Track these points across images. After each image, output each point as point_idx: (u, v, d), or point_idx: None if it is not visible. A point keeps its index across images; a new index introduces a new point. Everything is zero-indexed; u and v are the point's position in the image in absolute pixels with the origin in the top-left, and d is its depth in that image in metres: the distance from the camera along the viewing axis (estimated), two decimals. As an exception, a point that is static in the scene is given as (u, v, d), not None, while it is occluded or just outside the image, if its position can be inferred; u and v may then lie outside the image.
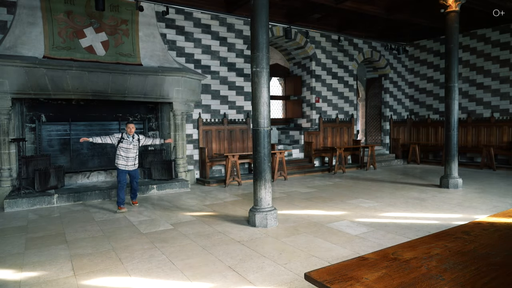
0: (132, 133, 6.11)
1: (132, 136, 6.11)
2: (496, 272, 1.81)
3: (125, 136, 6.06)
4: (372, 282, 1.68)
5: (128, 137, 6.07)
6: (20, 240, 4.57)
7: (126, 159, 6.08)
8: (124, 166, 6.09)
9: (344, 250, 4.06)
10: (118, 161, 6.09)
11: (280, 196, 7.24)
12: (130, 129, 6.06)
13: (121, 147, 6.03)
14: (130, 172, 6.22)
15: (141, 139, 6.25)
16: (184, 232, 4.86)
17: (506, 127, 10.76)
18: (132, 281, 3.34)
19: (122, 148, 6.04)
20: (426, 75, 12.93)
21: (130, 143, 6.07)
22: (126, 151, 6.06)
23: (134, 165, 6.22)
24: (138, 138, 6.21)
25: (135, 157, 6.20)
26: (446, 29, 7.70)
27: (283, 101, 12.36)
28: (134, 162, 6.20)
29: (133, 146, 6.11)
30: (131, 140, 6.08)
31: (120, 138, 6.03)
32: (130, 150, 6.09)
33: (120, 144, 6.03)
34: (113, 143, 6.07)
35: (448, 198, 6.81)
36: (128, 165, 6.12)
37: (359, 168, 11.13)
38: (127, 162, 6.09)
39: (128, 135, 6.08)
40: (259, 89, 5.02)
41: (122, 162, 6.07)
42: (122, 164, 6.08)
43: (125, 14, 7.75)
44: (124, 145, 6.04)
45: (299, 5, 9.75)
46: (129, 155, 6.08)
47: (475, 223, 2.65)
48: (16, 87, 6.50)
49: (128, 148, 6.06)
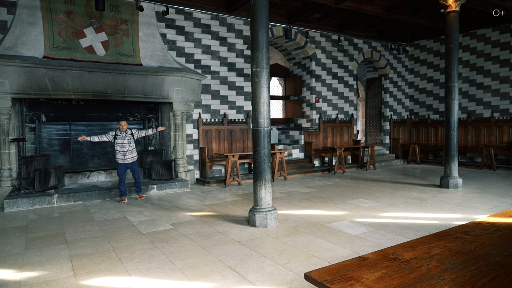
0: (124, 130, 6.68)
1: (125, 132, 6.69)
2: (496, 272, 1.81)
3: (118, 133, 6.66)
4: (372, 282, 1.68)
5: (121, 133, 6.67)
6: (20, 240, 4.57)
7: (123, 153, 6.68)
8: (122, 160, 6.70)
9: (344, 250, 4.06)
10: (117, 156, 6.75)
11: (280, 196, 7.24)
12: (122, 126, 6.66)
13: (117, 143, 6.66)
14: (129, 165, 6.78)
15: (134, 133, 6.81)
16: (184, 232, 4.86)
17: (506, 127, 10.76)
18: (132, 281, 3.34)
19: (118, 144, 6.66)
20: (426, 75, 12.93)
21: (124, 138, 6.66)
22: (121, 145, 6.66)
23: (132, 158, 6.78)
24: (131, 132, 6.78)
25: (131, 151, 6.76)
26: (446, 29, 7.70)
27: (283, 101, 12.36)
28: (132, 155, 6.77)
29: (127, 141, 6.68)
30: (124, 135, 6.67)
31: (115, 134, 6.65)
32: (125, 145, 6.67)
33: (116, 140, 6.66)
34: (109, 140, 6.67)
35: (448, 198, 6.81)
36: (126, 159, 6.71)
37: (359, 168, 11.13)
38: (124, 156, 6.69)
39: (121, 131, 6.66)
40: (259, 89, 5.02)
41: (120, 156, 6.70)
42: (120, 158, 6.71)
43: (125, 14, 7.75)
44: (119, 140, 6.65)
45: (299, 5, 9.76)
46: (124, 149, 6.67)
47: (475, 223, 2.65)
48: (16, 87, 6.50)
49: (123, 143, 6.65)
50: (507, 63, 10.69)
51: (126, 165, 6.73)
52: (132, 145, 6.74)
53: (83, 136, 6.41)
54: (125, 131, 6.67)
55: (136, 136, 6.82)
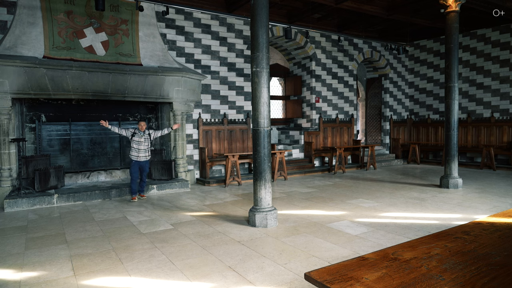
0: (143, 130, 6.92)
1: (143, 132, 6.92)
2: (496, 272, 1.81)
3: (137, 131, 6.90)
4: (372, 282, 1.68)
5: (139, 132, 6.90)
6: (20, 240, 4.57)
7: (138, 150, 6.87)
8: (135, 157, 6.88)
9: (344, 250, 4.06)
10: (131, 153, 6.93)
11: (280, 196, 7.24)
12: (142, 126, 6.91)
13: (134, 140, 6.87)
14: (142, 164, 6.95)
15: (151, 133, 7.05)
16: (184, 232, 4.86)
17: (506, 127, 10.76)
18: (132, 281, 3.34)
19: (134, 141, 6.87)
20: (426, 75, 12.93)
21: (141, 136, 6.89)
22: (138, 143, 6.86)
23: (145, 157, 6.97)
24: (149, 132, 7.02)
25: (146, 150, 6.95)
26: (446, 29, 7.70)
27: (283, 101, 12.36)
28: (145, 154, 6.96)
29: (144, 140, 6.91)
30: (141, 134, 6.89)
31: (133, 132, 6.90)
32: (142, 143, 6.88)
33: (133, 138, 6.87)
34: (127, 136, 6.91)
35: (448, 198, 6.81)
36: (140, 156, 6.89)
37: (359, 168, 11.13)
38: (138, 153, 6.88)
39: (139, 131, 6.90)
40: (259, 89, 5.02)
41: (134, 153, 6.89)
42: (134, 155, 6.89)
43: (125, 14, 7.75)
44: (136, 138, 6.87)
45: (299, 5, 9.76)
46: (140, 147, 6.87)
47: (475, 223, 2.65)
48: (16, 87, 6.49)
49: (140, 141, 6.87)
50: (507, 63, 10.69)
51: (139, 163, 6.88)
52: (147, 145, 6.95)
53: (106, 122, 6.58)
54: (143, 131, 6.90)
55: (153, 136, 7.06)
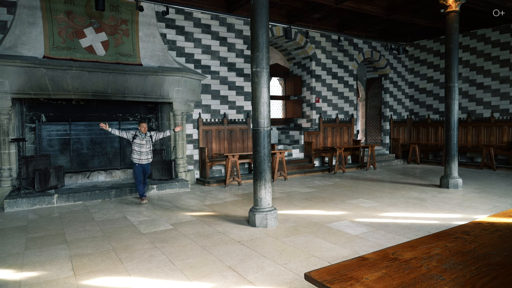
0: (144, 132, 6.69)
1: (144, 134, 6.71)
2: (496, 272, 1.81)
3: (138, 134, 6.68)
4: (372, 282, 1.68)
5: (141, 134, 6.68)
6: (20, 240, 4.57)
7: (140, 153, 6.68)
8: (137, 160, 6.68)
9: (344, 250, 4.06)
10: (133, 155, 6.71)
11: (280, 196, 7.24)
12: (144, 128, 6.67)
13: (135, 142, 6.67)
14: (144, 166, 6.76)
15: (153, 135, 6.85)
16: (184, 232, 4.86)
17: (506, 127, 10.76)
18: (132, 281, 3.34)
19: (136, 144, 6.67)
20: (426, 75, 12.93)
21: (143, 138, 6.68)
22: (140, 146, 6.66)
23: (147, 160, 6.78)
24: (150, 134, 6.82)
25: (148, 152, 6.77)
26: (446, 29, 7.70)
27: (283, 101, 12.36)
28: (147, 157, 6.78)
29: (145, 142, 6.71)
30: (143, 137, 6.69)
31: (134, 134, 6.68)
32: (143, 146, 6.69)
33: (134, 140, 6.67)
34: (127, 138, 6.69)
35: (448, 198, 6.81)
36: (142, 159, 6.69)
37: (359, 168, 11.13)
38: (140, 156, 6.68)
39: (141, 133, 6.67)
40: (259, 89, 5.02)
41: (136, 156, 6.68)
42: (136, 158, 6.68)
43: (125, 14, 7.75)
44: (137, 140, 6.66)
45: (299, 5, 9.76)
46: (142, 150, 6.68)
47: (475, 223, 2.65)
48: (16, 87, 6.49)
49: (141, 143, 6.67)
50: (507, 63, 10.69)
51: (142, 166, 6.70)
52: (149, 147, 6.76)
53: (105, 124, 6.29)
54: (145, 134, 6.69)
55: (155, 138, 6.86)
